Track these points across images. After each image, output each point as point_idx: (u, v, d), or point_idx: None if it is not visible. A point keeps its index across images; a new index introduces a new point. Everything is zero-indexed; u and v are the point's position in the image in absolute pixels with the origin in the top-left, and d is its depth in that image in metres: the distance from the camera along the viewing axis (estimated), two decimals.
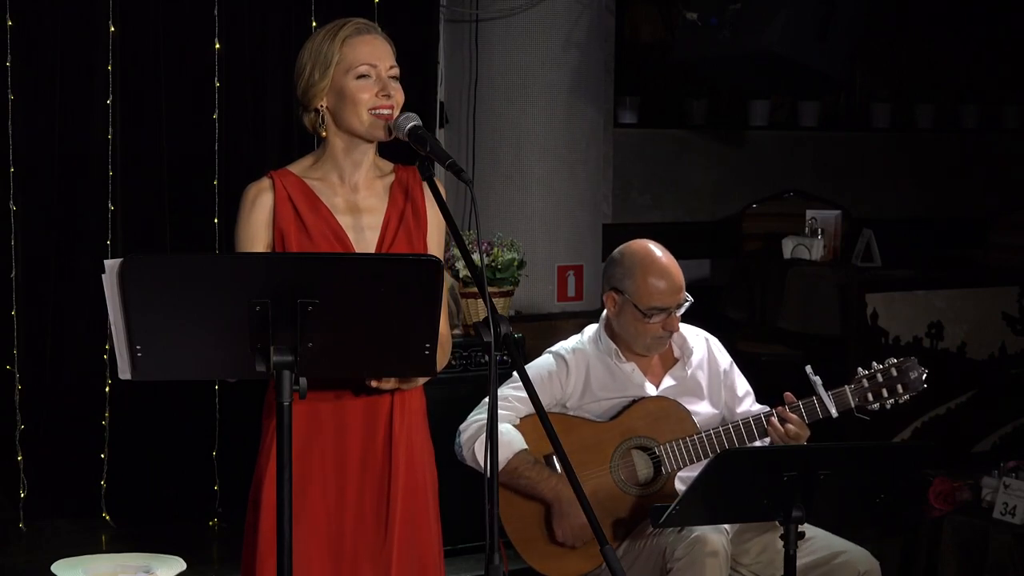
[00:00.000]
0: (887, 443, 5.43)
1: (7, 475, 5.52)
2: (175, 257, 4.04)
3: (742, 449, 3.77)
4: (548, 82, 6.22)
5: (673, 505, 3.33)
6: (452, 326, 5.35)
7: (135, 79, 5.66)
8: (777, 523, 3.37)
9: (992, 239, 6.95)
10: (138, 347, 2.60)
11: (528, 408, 3.90)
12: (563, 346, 4.05)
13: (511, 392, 3.94)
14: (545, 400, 3.89)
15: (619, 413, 3.93)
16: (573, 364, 3.99)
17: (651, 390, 3.97)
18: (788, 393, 3.88)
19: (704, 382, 4.04)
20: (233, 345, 2.62)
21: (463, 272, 5.32)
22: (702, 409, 3.99)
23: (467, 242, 4.95)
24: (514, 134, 6.24)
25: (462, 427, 3.92)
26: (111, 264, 2.56)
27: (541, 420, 2.81)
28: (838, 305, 6.09)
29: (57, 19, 5.55)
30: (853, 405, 3.85)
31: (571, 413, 3.96)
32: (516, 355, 2.82)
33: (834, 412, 3.83)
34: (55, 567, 4.43)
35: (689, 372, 4.01)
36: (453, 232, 2.91)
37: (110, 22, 5.55)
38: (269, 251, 3.02)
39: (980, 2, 8.17)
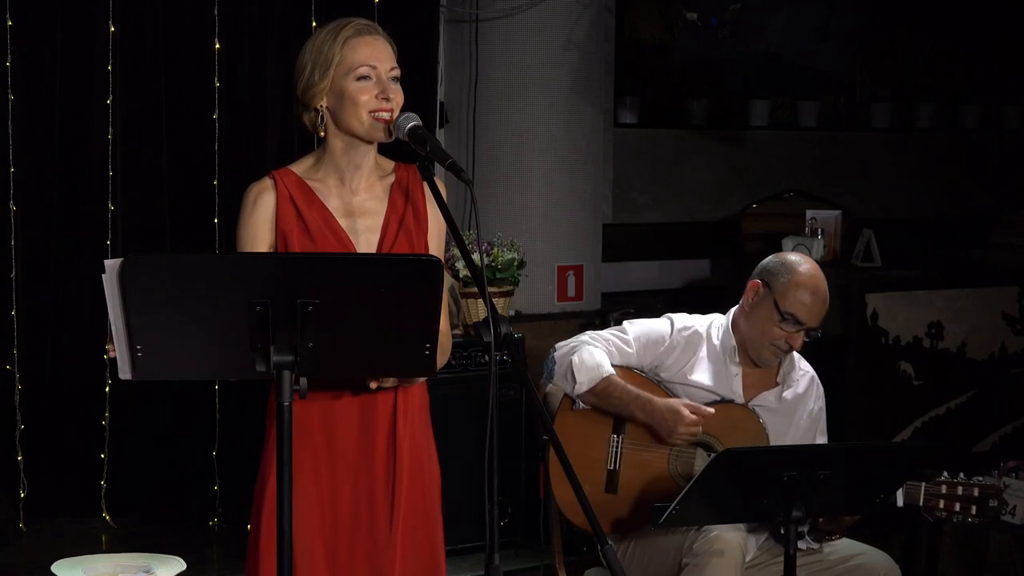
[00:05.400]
0: (887, 443, 5.43)
1: (7, 475, 5.52)
2: (175, 257, 4.03)
3: (742, 449, 3.76)
4: (548, 82, 6.22)
5: (673, 504, 3.32)
6: (452, 326, 5.35)
7: (135, 79, 5.66)
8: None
9: (992, 239, 6.94)
10: (138, 347, 2.59)
11: (624, 360, 3.93)
12: (684, 321, 4.02)
13: (614, 337, 3.95)
14: (647, 359, 3.97)
15: (703, 406, 3.91)
16: (680, 344, 3.96)
17: (742, 401, 3.96)
18: None
19: (792, 418, 3.98)
20: (233, 345, 2.62)
21: (463, 272, 5.32)
22: (780, 441, 3.94)
23: (467, 242, 4.95)
24: (514, 134, 6.24)
25: (559, 344, 3.93)
26: (111, 264, 2.55)
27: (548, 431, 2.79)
28: (838, 305, 6.07)
29: (57, 19, 5.55)
30: (920, 504, 3.70)
31: (664, 383, 3.96)
32: (516, 355, 2.82)
33: (901, 502, 3.71)
34: (55, 567, 4.42)
35: (784, 402, 3.97)
36: (453, 232, 2.91)
37: (110, 22, 5.55)
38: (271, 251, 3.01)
39: (980, 3, 8.16)
